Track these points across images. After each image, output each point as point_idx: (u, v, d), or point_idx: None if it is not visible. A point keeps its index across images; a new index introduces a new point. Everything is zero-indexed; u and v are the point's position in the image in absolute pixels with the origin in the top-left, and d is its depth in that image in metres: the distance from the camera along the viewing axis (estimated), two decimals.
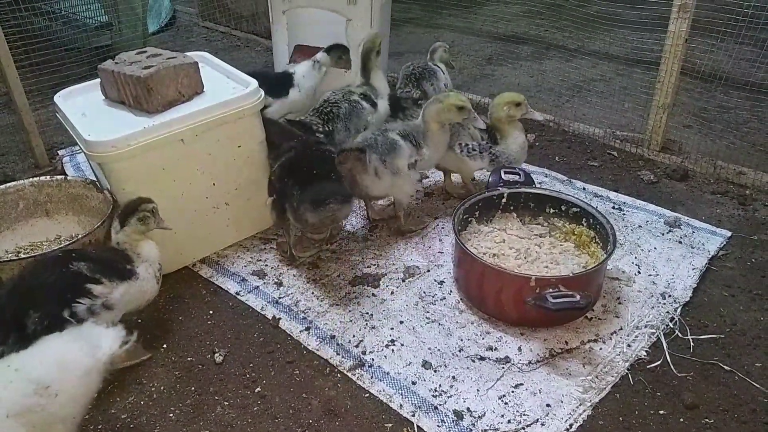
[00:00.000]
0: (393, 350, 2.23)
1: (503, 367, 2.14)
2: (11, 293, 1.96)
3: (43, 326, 1.89)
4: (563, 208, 2.63)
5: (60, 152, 3.56)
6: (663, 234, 2.78)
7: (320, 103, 3.11)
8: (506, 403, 2.01)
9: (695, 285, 2.47)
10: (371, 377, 2.13)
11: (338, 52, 3.37)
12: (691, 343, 2.22)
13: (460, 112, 2.66)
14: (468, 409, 2.00)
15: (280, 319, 2.39)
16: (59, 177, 2.78)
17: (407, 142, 2.68)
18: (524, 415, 1.97)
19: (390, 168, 2.62)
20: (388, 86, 3.29)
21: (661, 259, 2.62)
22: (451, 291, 2.50)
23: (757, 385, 2.07)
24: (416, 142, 2.70)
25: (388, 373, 2.14)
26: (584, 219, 2.56)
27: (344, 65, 3.40)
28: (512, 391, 2.05)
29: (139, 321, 2.35)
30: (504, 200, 2.68)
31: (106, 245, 2.27)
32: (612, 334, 2.26)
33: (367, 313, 2.40)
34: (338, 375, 2.15)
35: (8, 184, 2.70)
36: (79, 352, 1.72)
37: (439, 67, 3.48)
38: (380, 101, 3.19)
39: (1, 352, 1.85)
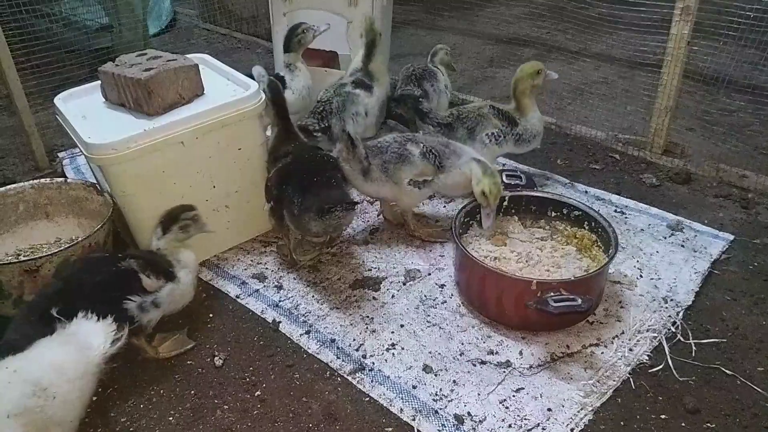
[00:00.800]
0: (393, 354, 2.22)
1: (504, 371, 2.13)
2: (61, 291, 1.97)
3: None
4: (565, 211, 2.63)
5: (60, 155, 3.55)
6: (665, 237, 2.77)
7: (315, 104, 3.15)
8: (507, 408, 2.00)
9: (697, 289, 2.46)
10: (371, 381, 2.12)
11: (295, 39, 3.24)
12: (693, 348, 2.21)
13: (480, 196, 2.49)
14: (469, 413, 1.99)
15: (280, 322, 2.38)
16: (59, 179, 2.77)
17: (425, 161, 2.60)
18: (525, 419, 1.96)
19: (390, 176, 2.60)
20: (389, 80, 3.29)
21: (664, 262, 2.61)
22: (452, 294, 2.49)
23: (759, 390, 2.06)
24: (439, 165, 2.61)
25: (388, 377, 2.13)
26: (586, 222, 2.55)
27: (307, 40, 3.26)
28: (513, 396, 2.04)
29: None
30: (505, 203, 2.68)
31: (148, 249, 2.28)
32: (614, 338, 2.25)
33: (368, 317, 2.39)
34: (338, 379, 2.15)
35: (8, 187, 2.69)
36: (72, 356, 1.72)
37: (439, 69, 3.48)
38: (377, 86, 3.17)
39: None
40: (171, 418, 2.02)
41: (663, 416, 1.98)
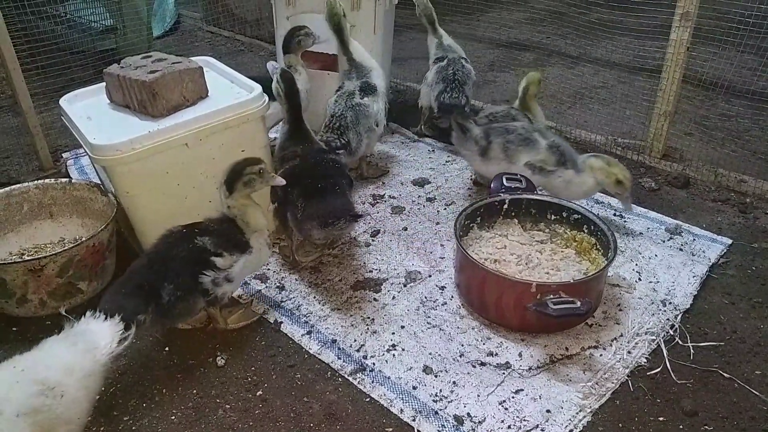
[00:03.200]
0: (394, 355, 2.24)
1: (504, 373, 2.15)
2: (148, 266, 2.10)
3: (176, 296, 2.05)
4: (564, 214, 2.65)
5: (64, 155, 3.57)
6: (664, 241, 2.79)
7: (328, 118, 3.08)
8: (506, 409, 2.02)
9: (695, 292, 2.48)
10: (372, 382, 2.13)
11: (295, 40, 3.21)
12: (691, 351, 2.23)
13: (616, 185, 2.68)
14: (468, 414, 2.00)
15: (281, 322, 2.39)
16: (63, 180, 2.79)
17: (551, 152, 2.73)
18: (524, 420, 1.98)
19: (509, 156, 2.75)
20: (384, 83, 3.28)
21: (662, 266, 2.63)
22: (452, 296, 2.51)
23: (757, 393, 2.07)
24: (563, 160, 2.73)
25: (388, 378, 2.15)
26: (585, 226, 2.57)
27: (307, 44, 3.23)
28: (512, 397, 2.06)
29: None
30: (506, 206, 2.69)
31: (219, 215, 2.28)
32: (612, 340, 2.27)
33: (369, 318, 2.41)
34: (339, 379, 2.16)
35: (13, 187, 2.71)
36: (79, 355, 1.74)
37: (464, 57, 3.54)
38: (374, 76, 3.16)
39: (144, 320, 1.99)
40: (173, 417, 2.04)
41: (661, 418, 2.00)
